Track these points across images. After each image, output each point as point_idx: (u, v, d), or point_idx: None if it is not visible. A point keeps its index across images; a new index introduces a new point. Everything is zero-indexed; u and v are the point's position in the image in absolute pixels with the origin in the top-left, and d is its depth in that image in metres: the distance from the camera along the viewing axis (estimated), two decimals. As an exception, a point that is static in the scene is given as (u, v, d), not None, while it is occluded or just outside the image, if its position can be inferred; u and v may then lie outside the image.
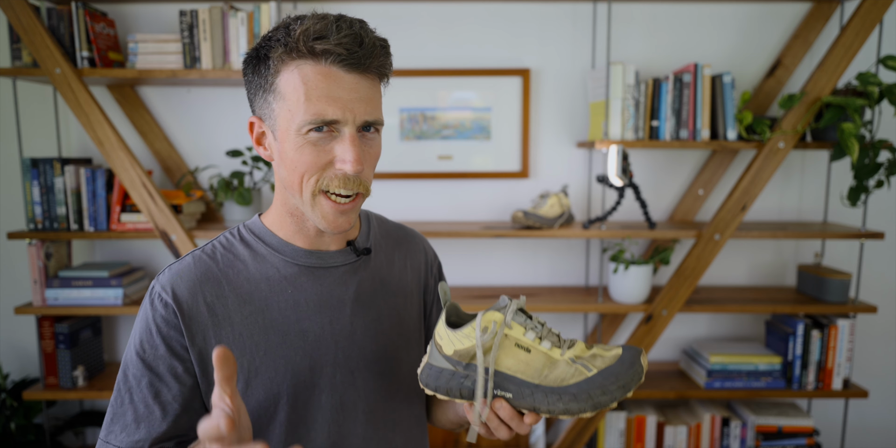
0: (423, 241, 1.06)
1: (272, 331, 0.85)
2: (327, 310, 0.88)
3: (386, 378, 0.92)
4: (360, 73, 0.78)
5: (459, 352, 0.78)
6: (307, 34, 0.75)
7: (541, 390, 0.75)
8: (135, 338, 0.84)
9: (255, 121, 0.84)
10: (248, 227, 0.92)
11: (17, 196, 2.21)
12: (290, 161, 0.80)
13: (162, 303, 0.83)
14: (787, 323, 2.13)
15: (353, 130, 0.78)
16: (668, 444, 2.16)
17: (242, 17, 1.95)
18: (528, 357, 0.76)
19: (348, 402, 0.89)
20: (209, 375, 0.83)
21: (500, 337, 0.76)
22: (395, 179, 2.26)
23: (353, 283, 0.91)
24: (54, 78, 1.90)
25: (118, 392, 0.83)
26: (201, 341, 0.83)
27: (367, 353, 0.90)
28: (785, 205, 2.29)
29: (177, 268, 0.86)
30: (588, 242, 2.29)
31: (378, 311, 0.93)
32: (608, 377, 0.74)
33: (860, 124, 1.88)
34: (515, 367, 0.77)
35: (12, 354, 2.31)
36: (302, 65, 0.76)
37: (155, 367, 0.82)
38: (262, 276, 0.87)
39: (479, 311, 0.79)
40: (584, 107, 2.24)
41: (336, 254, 0.91)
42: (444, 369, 0.79)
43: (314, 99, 0.76)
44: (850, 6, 2.12)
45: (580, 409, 0.73)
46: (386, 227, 1.02)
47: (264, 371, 0.84)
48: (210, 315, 0.84)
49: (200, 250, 0.89)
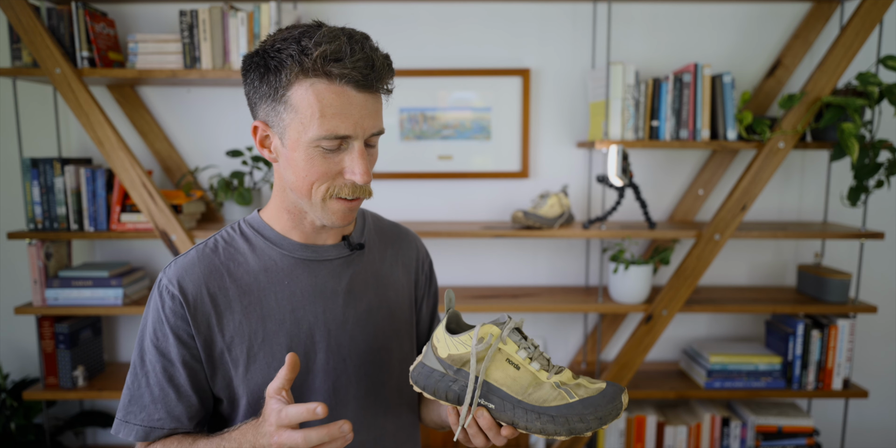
0: (416, 239, 1.11)
1: (269, 319, 0.91)
2: (321, 300, 0.94)
3: (376, 366, 0.98)
4: (370, 93, 0.84)
5: (453, 357, 0.83)
6: (324, 56, 0.79)
7: (522, 406, 0.79)
8: (147, 327, 0.90)
9: (260, 125, 0.87)
10: (248, 222, 0.97)
11: (17, 196, 2.21)
12: (299, 169, 0.85)
13: (169, 295, 0.89)
14: (787, 323, 2.13)
15: (361, 144, 0.84)
16: (668, 444, 2.16)
17: (242, 17, 1.95)
18: (517, 374, 0.81)
19: (340, 388, 0.94)
20: (214, 361, 0.90)
21: (493, 349, 0.81)
22: (395, 179, 2.26)
23: (345, 276, 0.96)
24: (54, 78, 1.90)
25: (135, 376, 0.90)
26: (206, 329, 0.89)
27: (359, 342, 0.96)
28: (785, 205, 2.29)
29: (182, 262, 0.92)
30: (588, 242, 2.29)
31: (369, 302, 0.98)
32: (588, 407, 0.78)
33: (860, 124, 1.88)
34: (502, 381, 0.81)
35: (12, 354, 2.31)
36: (316, 83, 0.81)
37: (167, 353, 0.89)
38: (260, 268, 0.93)
39: (479, 323, 0.84)
40: (584, 107, 2.24)
41: (331, 248, 0.96)
42: (436, 370, 0.84)
43: (328, 116, 0.81)
44: (850, 6, 2.12)
45: (555, 432, 0.77)
46: (380, 224, 1.08)
47: (262, 357, 0.90)
48: (213, 305, 0.90)
49: (203, 245, 0.94)
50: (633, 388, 2.11)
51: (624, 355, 2.09)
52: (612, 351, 2.36)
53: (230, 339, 0.90)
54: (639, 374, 2.22)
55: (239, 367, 0.90)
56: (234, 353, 0.90)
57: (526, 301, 2.07)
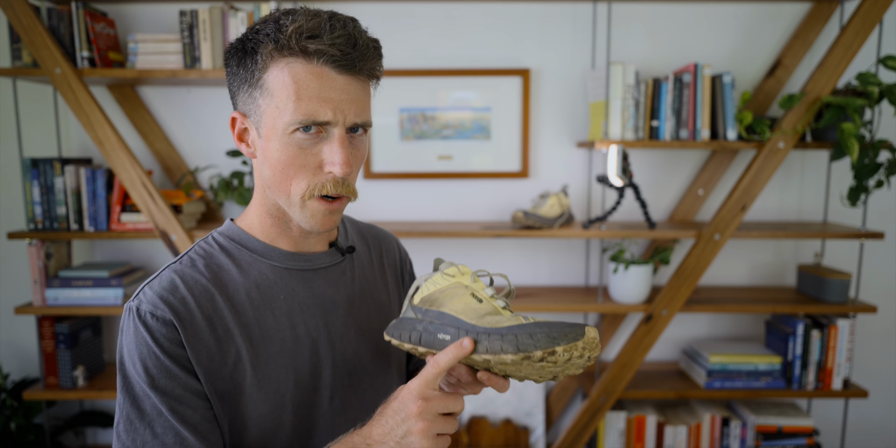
0: (395, 238, 1.07)
1: (270, 340, 0.82)
2: (321, 312, 0.87)
3: (380, 376, 0.93)
4: (352, 75, 0.76)
5: (425, 298, 0.81)
6: (300, 32, 0.73)
7: (474, 330, 0.74)
8: (134, 368, 0.76)
9: (237, 116, 0.81)
10: (224, 234, 0.87)
11: (17, 196, 2.21)
12: (275, 161, 0.77)
13: (158, 320, 0.76)
14: (787, 323, 2.13)
15: (342, 132, 0.77)
16: (668, 444, 2.16)
17: (242, 17, 1.95)
18: (478, 305, 0.78)
19: (348, 405, 0.89)
20: (216, 393, 0.79)
21: (461, 286, 0.80)
22: (395, 179, 2.26)
23: (343, 284, 0.91)
24: (54, 78, 1.90)
25: (134, 433, 0.75)
26: (206, 360, 0.78)
27: (362, 352, 0.90)
28: (785, 205, 2.29)
29: (159, 284, 0.79)
30: (588, 242, 2.29)
31: (368, 309, 0.93)
32: (541, 327, 0.71)
33: (860, 124, 1.88)
34: (461, 310, 0.77)
35: (12, 354, 2.31)
36: (293, 62, 0.74)
37: (171, 390, 0.76)
38: (251, 284, 0.83)
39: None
40: (584, 107, 2.24)
41: (322, 255, 0.90)
42: (406, 318, 0.82)
43: (305, 98, 0.74)
44: (850, 6, 2.12)
45: (501, 349, 0.70)
46: (357, 226, 1.03)
47: (267, 382, 0.81)
48: (211, 330, 0.79)
49: (178, 263, 0.83)
50: (632, 388, 2.11)
51: (624, 355, 2.09)
52: (611, 351, 2.36)
53: (232, 365, 0.79)
54: (639, 374, 2.22)
55: (243, 395, 0.80)
56: (237, 380, 0.79)
57: (526, 301, 2.07)
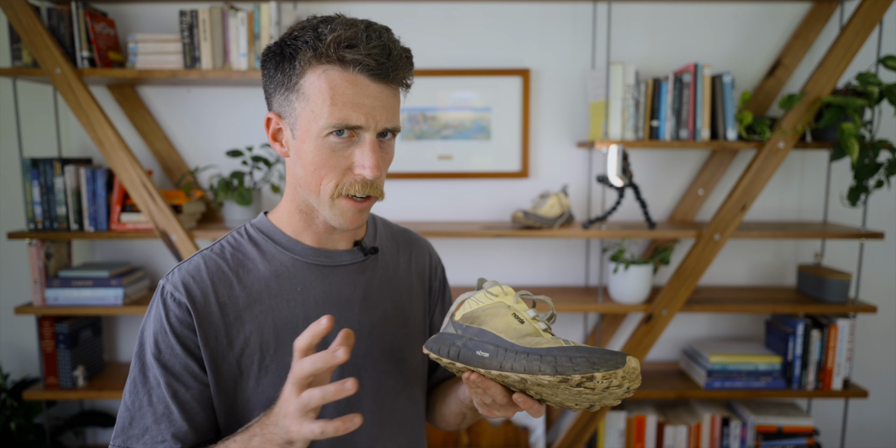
0: (428, 245, 1.08)
1: (282, 329, 0.86)
2: (335, 308, 0.89)
3: (391, 377, 0.94)
4: (385, 83, 0.80)
5: (467, 315, 0.81)
6: (338, 41, 0.76)
7: (514, 349, 0.75)
8: (148, 339, 0.84)
9: (272, 117, 0.85)
10: (256, 226, 0.92)
11: (17, 196, 2.21)
12: (308, 162, 0.81)
13: (175, 302, 0.83)
14: (787, 323, 2.13)
15: (373, 137, 0.80)
16: (668, 444, 2.16)
17: (242, 17, 1.95)
18: (519, 326, 0.79)
19: (355, 400, 0.89)
20: (221, 374, 0.84)
21: (503, 306, 0.80)
22: (395, 179, 2.26)
23: (360, 283, 0.92)
24: (54, 78, 1.90)
25: (135, 395, 0.83)
26: (213, 342, 0.84)
27: (374, 351, 0.92)
28: (785, 205, 2.29)
29: (187, 267, 0.86)
30: (588, 242, 2.29)
31: (384, 310, 0.94)
32: (581, 351, 0.71)
33: (860, 124, 1.88)
34: (501, 329, 0.78)
35: (12, 354, 2.31)
36: (329, 70, 0.78)
37: (171, 366, 0.82)
38: (271, 274, 0.88)
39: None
40: (584, 107, 2.24)
41: (344, 253, 0.92)
42: (446, 333, 0.82)
43: (339, 104, 0.78)
44: (850, 6, 2.12)
45: (539, 370, 0.71)
46: (391, 229, 1.05)
47: (274, 369, 0.85)
48: (222, 315, 0.84)
49: (209, 250, 0.89)
50: (633, 388, 2.11)
51: (624, 355, 2.09)
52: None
53: (240, 350, 0.84)
54: (639, 374, 2.22)
55: (249, 380, 0.85)
56: (244, 365, 0.85)
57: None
